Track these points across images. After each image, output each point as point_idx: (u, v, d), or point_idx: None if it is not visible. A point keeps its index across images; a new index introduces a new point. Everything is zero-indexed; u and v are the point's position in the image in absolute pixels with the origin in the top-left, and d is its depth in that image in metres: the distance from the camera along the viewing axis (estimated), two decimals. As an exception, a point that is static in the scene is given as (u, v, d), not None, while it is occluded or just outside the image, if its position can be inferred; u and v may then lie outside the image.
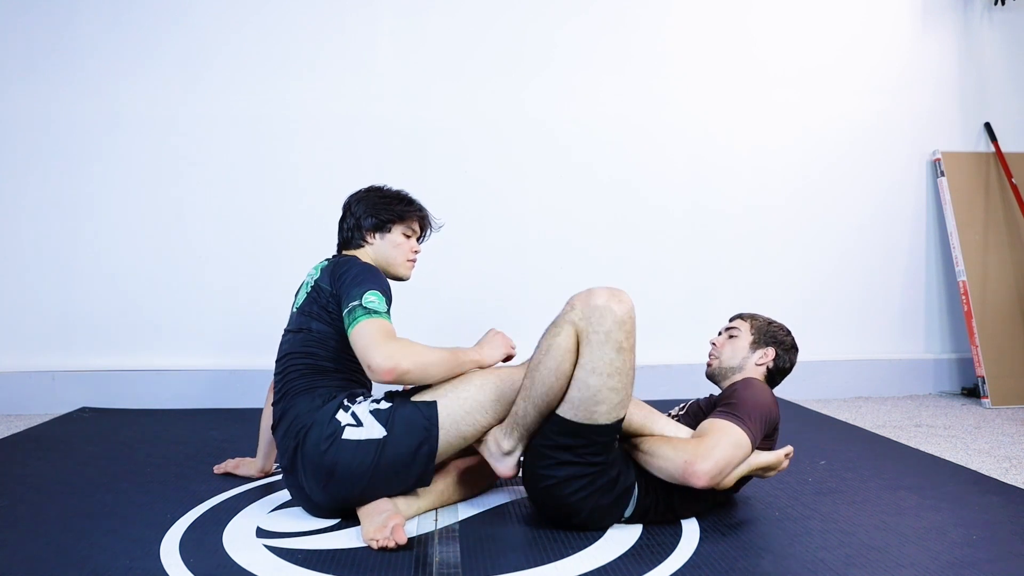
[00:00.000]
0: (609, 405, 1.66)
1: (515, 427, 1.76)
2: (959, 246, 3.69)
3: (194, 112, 3.42)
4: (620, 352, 1.65)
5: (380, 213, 2.01)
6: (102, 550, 1.67)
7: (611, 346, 1.64)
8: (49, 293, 3.39)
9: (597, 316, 1.64)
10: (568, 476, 1.71)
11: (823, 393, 3.67)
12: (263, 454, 2.23)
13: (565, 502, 1.73)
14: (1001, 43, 3.85)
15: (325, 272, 1.92)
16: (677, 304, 3.62)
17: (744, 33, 3.72)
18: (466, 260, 3.53)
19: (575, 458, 1.70)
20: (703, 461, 1.67)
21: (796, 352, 2.06)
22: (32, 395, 3.31)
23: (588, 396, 1.65)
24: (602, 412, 1.67)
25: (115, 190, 3.41)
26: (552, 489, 1.73)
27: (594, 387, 1.65)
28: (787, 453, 1.83)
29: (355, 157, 3.48)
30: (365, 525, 1.73)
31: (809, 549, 1.68)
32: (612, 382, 1.65)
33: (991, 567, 1.58)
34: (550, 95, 3.59)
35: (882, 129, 3.79)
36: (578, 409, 1.67)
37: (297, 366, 1.86)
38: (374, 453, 1.73)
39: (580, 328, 1.66)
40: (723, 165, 3.71)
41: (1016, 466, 2.44)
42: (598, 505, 1.74)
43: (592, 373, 1.64)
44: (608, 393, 1.65)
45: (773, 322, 2.08)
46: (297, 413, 1.80)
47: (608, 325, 1.64)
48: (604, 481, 1.73)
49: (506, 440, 1.78)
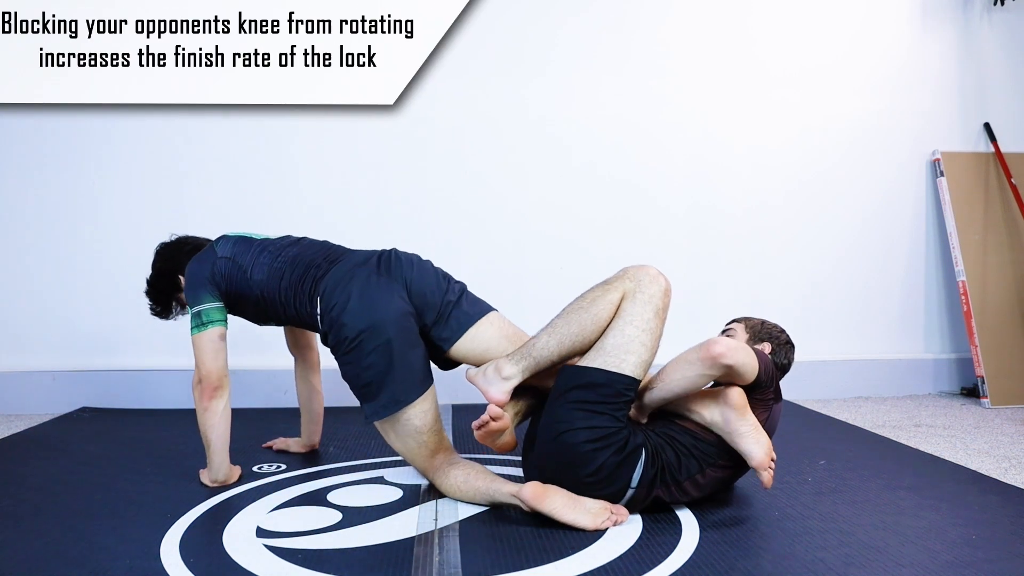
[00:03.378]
0: (637, 357, 1.80)
1: (524, 358, 1.84)
2: (959, 246, 3.69)
3: (195, 111, 3.42)
4: (656, 315, 1.83)
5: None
6: (102, 550, 1.67)
7: (651, 307, 1.83)
8: (49, 293, 3.39)
9: (648, 280, 1.85)
10: (586, 424, 1.77)
11: (823, 393, 3.67)
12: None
13: (578, 451, 1.76)
14: (1001, 43, 3.85)
15: None
16: (677, 304, 3.61)
17: (744, 33, 3.72)
18: (466, 257, 3.52)
19: (597, 407, 1.77)
20: (714, 344, 1.79)
21: (793, 349, 2.08)
22: (32, 395, 3.31)
23: (622, 343, 1.79)
24: (630, 362, 1.79)
25: (115, 190, 3.41)
26: (568, 435, 1.77)
27: (629, 336, 1.80)
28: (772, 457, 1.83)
29: (355, 156, 3.48)
30: (581, 519, 1.75)
31: (809, 549, 1.68)
32: (644, 337, 1.81)
33: (990, 567, 1.59)
34: (551, 94, 3.59)
35: (882, 129, 3.79)
36: (609, 356, 1.79)
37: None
38: None
39: (628, 289, 1.85)
40: (723, 164, 3.71)
41: (1015, 466, 2.45)
42: (608, 461, 1.77)
43: (630, 323, 1.81)
44: (639, 346, 1.80)
45: (766, 322, 2.12)
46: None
47: (654, 290, 1.84)
48: (619, 439, 1.78)
49: (509, 366, 1.83)
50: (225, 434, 2.09)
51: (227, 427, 2.09)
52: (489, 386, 1.83)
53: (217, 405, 2.05)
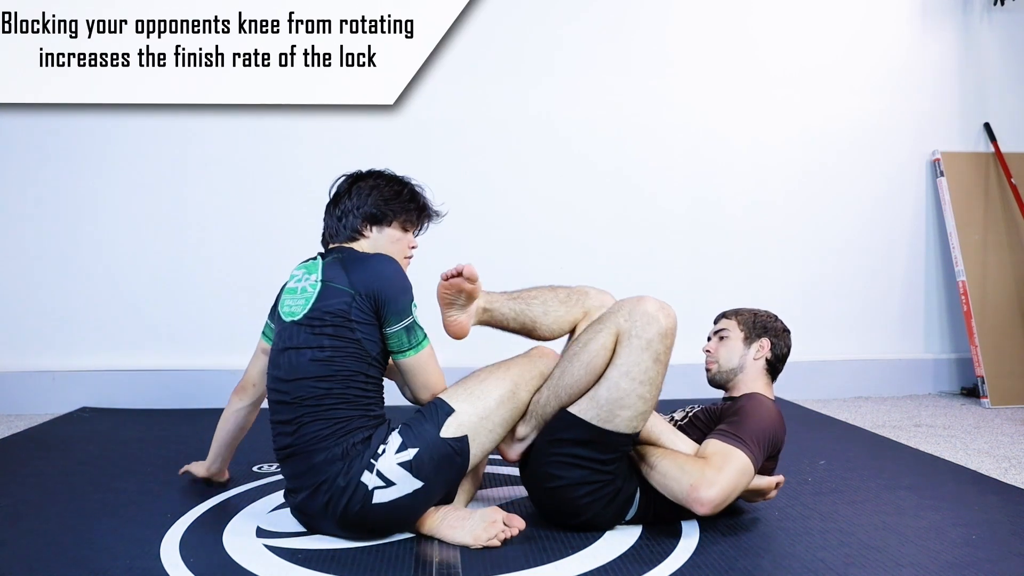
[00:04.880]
0: (633, 412, 1.67)
1: (532, 416, 1.77)
2: (959, 246, 3.69)
3: (195, 111, 3.41)
4: (656, 363, 1.66)
5: (383, 205, 1.84)
6: (102, 550, 1.67)
7: (650, 354, 1.65)
8: (49, 293, 3.39)
9: (644, 322, 1.65)
10: (578, 480, 1.71)
11: (823, 393, 3.67)
12: (216, 456, 2.07)
13: (569, 504, 1.73)
14: (1001, 43, 3.85)
15: (338, 270, 1.73)
16: (677, 301, 3.61)
17: (745, 33, 3.72)
18: (466, 257, 3.51)
19: (586, 463, 1.70)
20: (708, 488, 1.64)
21: (789, 335, 2.04)
22: (32, 395, 3.31)
23: (616, 398, 1.66)
24: (624, 418, 1.66)
25: (115, 190, 3.41)
26: (559, 491, 1.73)
27: (624, 390, 1.65)
28: (778, 482, 1.82)
29: (355, 156, 3.48)
30: (459, 536, 1.68)
31: (809, 549, 1.68)
32: (642, 390, 1.66)
33: (990, 567, 1.59)
34: (551, 93, 3.60)
35: (882, 129, 3.79)
36: (601, 409, 1.67)
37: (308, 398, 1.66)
38: (410, 503, 1.65)
39: (623, 330, 1.66)
40: (724, 164, 3.71)
41: (1015, 466, 2.45)
42: (601, 511, 1.75)
43: (625, 376, 1.65)
44: (635, 400, 1.66)
45: (758, 312, 2.06)
46: (312, 465, 1.64)
47: (652, 333, 1.65)
48: (610, 490, 1.73)
49: (522, 427, 1.78)
50: (229, 432, 2.06)
51: (235, 426, 2.05)
52: (507, 448, 1.80)
53: (234, 402, 2.03)
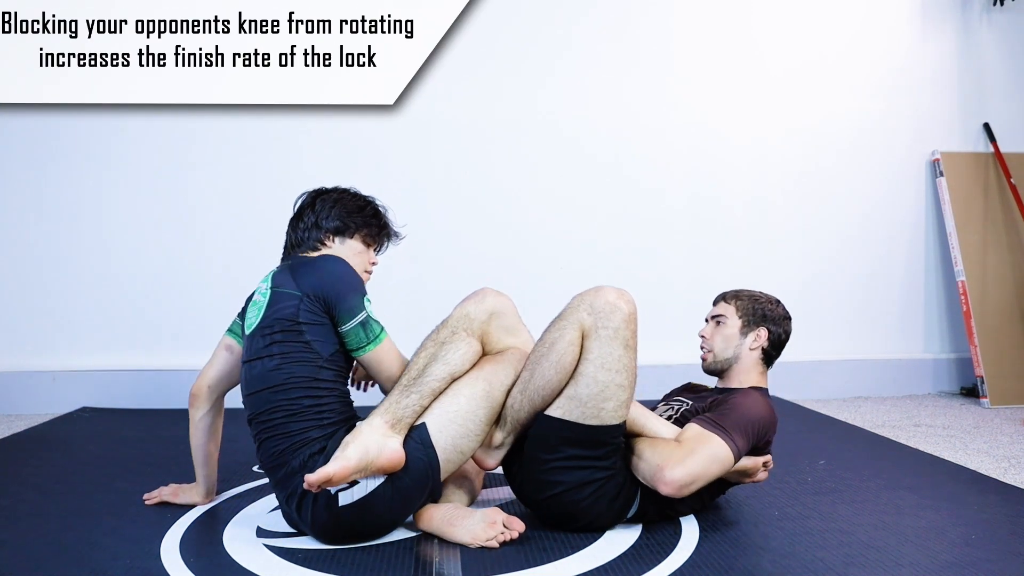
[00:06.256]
0: (616, 402, 1.67)
1: (506, 421, 1.74)
2: (958, 246, 3.70)
3: (195, 111, 3.42)
4: (627, 349, 1.67)
5: (346, 216, 1.85)
6: (102, 550, 1.67)
7: (619, 342, 1.66)
8: (49, 293, 3.39)
9: (607, 312, 1.66)
10: (580, 481, 1.70)
11: (822, 393, 3.67)
12: (203, 477, 1.97)
13: (573, 507, 1.72)
14: (1000, 44, 3.85)
15: (286, 275, 1.72)
16: (677, 296, 3.62)
17: (747, 33, 3.72)
18: (466, 255, 3.53)
19: (585, 463, 1.69)
20: (673, 469, 1.64)
21: (789, 321, 1.99)
22: (32, 395, 3.31)
23: (597, 392, 1.66)
24: (610, 410, 1.67)
25: (115, 189, 3.41)
26: (561, 497, 1.71)
27: (603, 382, 1.65)
28: (764, 462, 1.82)
29: (355, 156, 3.48)
30: (458, 534, 1.67)
31: (809, 549, 1.68)
32: (620, 378, 1.66)
33: (990, 567, 1.59)
34: (551, 92, 3.60)
35: (881, 129, 3.79)
36: (586, 407, 1.66)
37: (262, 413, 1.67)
38: (380, 501, 1.63)
39: (587, 325, 1.66)
40: (724, 163, 3.71)
41: (1015, 466, 2.45)
42: (603, 511, 1.74)
43: (601, 368, 1.65)
44: (616, 390, 1.66)
45: (759, 298, 2.00)
46: (278, 479, 1.67)
47: (617, 321, 1.66)
48: (612, 486, 1.73)
49: (497, 433, 1.75)
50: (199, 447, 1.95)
51: (202, 440, 1.94)
52: (484, 456, 1.76)
53: (191, 414, 1.95)
